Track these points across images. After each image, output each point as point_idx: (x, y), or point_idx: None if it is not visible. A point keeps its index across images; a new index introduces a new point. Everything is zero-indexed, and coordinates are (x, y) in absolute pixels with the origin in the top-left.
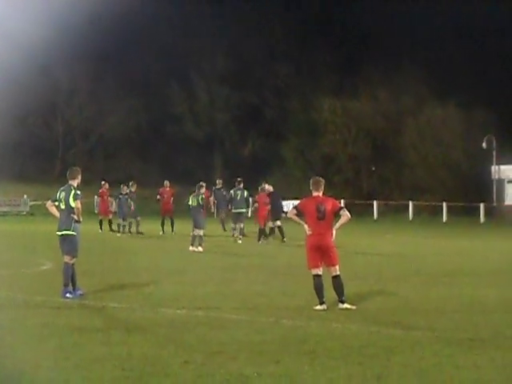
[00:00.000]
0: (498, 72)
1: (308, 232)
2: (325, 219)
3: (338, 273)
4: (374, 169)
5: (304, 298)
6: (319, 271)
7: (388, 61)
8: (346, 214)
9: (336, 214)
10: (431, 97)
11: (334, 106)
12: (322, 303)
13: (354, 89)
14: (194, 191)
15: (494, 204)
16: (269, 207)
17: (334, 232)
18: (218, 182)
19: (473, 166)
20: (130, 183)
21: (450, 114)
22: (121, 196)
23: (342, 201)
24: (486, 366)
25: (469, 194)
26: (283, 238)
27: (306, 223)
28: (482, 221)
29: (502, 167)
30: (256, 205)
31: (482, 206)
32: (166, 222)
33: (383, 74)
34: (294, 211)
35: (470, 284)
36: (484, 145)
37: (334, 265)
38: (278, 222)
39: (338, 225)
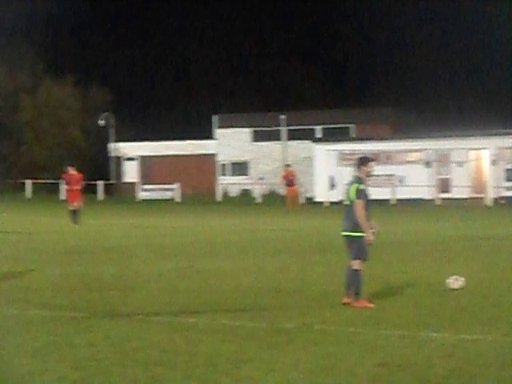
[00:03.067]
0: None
1: None
2: None
3: None
4: None
5: None
6: None
7: (4, 38)
8: None
9: None
10: (48, 75)
11: None
12: None
13: None
14: None
15: (113, 181)
16: None
17: None
18: None
19: (91, 144)
20: None
21: (67, 92)
22: None
23: None
24: (101, 343)
25: (88, 172)
26: None
27: None
28: (101, 198)
29: (120, 145)
30: None
31: (100, 183)
32: None
33: None
34: None
35: (86, 262)
36: (102, 122)
37: None
38: None
39: None
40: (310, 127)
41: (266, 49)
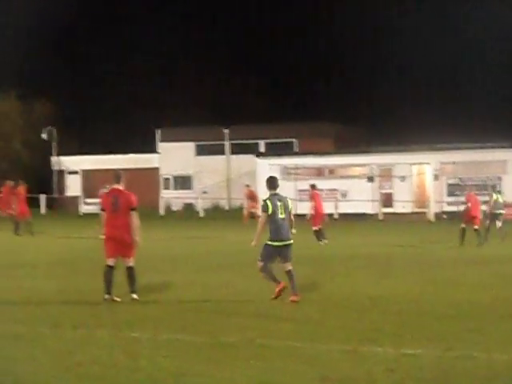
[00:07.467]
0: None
1: None
2: None
3: None
4: None
5: None
6: None
7: None
8: None
9: None
10: None
11: None
12: None
13: None
14: None
15: (55, 195)
16: None
17: None
18: None
19: (33, 157)
20: None
21: (11, 106)
22: None
23: None
24: (42, 357)
25: (30, 186)
26: None
27: None
28: (43, 212)
29: (63, 158)
30: None
31: (43, 197)
32: None
33: None
34: None
35: (28, 276)
36: (44, 136)
37: None
38: None
39: None
40: (254, 141)
41: (209, 62)
